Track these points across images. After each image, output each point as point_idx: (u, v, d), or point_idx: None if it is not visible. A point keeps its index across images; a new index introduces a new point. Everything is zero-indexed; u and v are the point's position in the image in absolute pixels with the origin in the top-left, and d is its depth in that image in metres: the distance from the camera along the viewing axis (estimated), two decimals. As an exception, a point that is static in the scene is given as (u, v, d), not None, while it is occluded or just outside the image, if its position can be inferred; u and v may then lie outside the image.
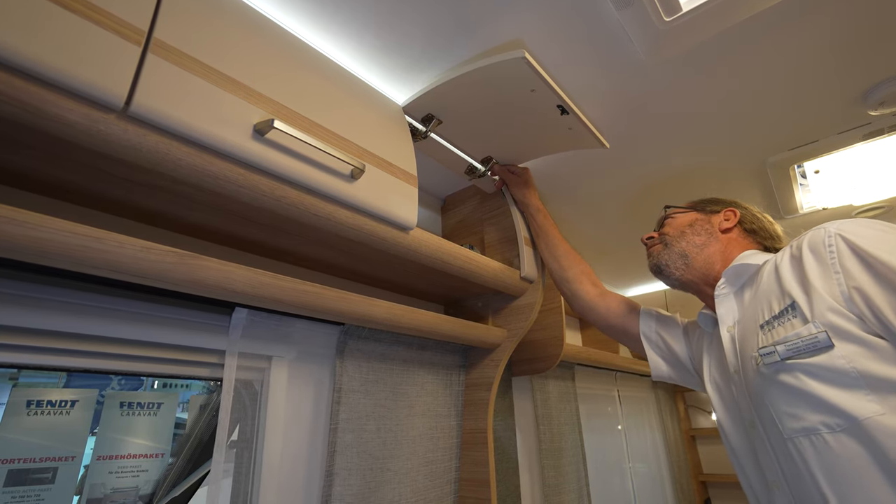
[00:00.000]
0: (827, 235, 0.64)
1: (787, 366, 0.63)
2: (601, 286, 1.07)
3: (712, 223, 0.86)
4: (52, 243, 0.46)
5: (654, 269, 0.89)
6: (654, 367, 0.96)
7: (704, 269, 0.83)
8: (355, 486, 0.82)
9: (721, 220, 0.86)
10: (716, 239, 0.85)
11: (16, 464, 0.69)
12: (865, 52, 0.86)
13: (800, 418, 0.61)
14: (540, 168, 1.21)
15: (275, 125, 0.57)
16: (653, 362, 0.96)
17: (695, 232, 0.86)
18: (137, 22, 0.49)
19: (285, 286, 0.66)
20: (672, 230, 0.89)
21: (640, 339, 0.97)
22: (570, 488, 1.40)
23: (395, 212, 0.76)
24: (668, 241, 0.88)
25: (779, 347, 0.64)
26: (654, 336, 0.97)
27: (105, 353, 0.66)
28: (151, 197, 0.62)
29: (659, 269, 0.87)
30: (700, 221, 0.87)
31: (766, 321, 0.69)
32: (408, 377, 1.00)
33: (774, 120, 1.05)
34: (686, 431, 2.55)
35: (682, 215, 0.91)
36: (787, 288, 0.67)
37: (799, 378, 0.61)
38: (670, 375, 0.95)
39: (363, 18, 0.75)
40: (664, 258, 0.86)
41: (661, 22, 0.76)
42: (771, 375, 0.65)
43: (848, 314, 0.59)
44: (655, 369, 0.96)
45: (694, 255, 0.84)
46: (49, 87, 0.43)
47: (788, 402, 0.63)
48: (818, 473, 0.59)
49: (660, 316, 0.99)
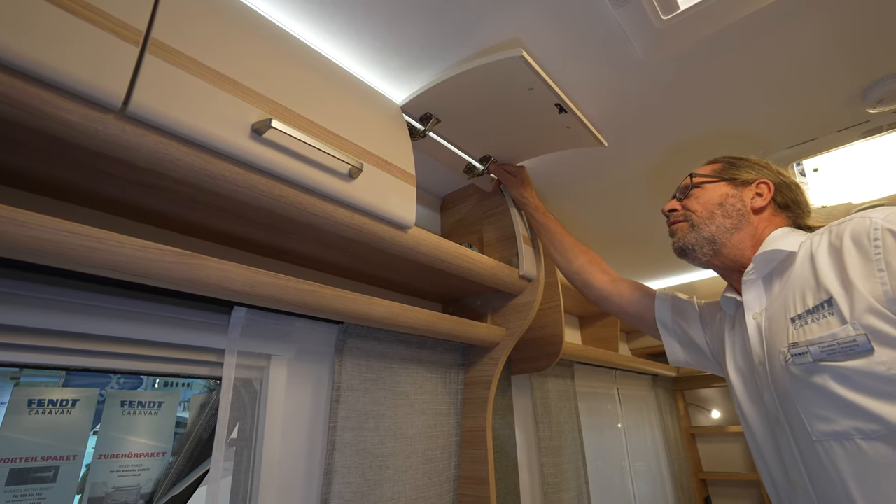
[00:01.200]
0: (873, 227, 0.59)
1: (819, 367, 0.59)
2: (612, 273, 1.03)
3: (744, 200, 0.78)
4: (51, 243, 0.46)
5: (678, 252, 0.82)
6: (671, 352, 0.93)
7: (734, 255, 0.77)
8: (354, 484, 0.82)
9: (753, 196, 0.78)
10: (747, 221, 0.77)
11: (17, 463, 0.69)
12: (864, 49, 0.86)
13: (831, 421, 0.58)
14: (538, 167, 1.21)
15: (273, 125, 0.57)
16: (669, 347, 0.93)
17: (725, 213, 0.78)
18: (135, 22, 0.49)
19: (284, 285, 0.66)
20: (700, 208, 0.80)
21: (655, 324, 0.94)
22: (570, 486, 1.40)
23: (394, 211, 0.76)
24: (696, 222, 0.80)
25: (812, 348, 0.60)
26: (669, 321, 0.93)
27: (105, 353, 0.67)
28: (150, 196, 0.62)
29: (684, 252, 0.81)
30: (731, 199, 0.79)
31: (798, 315, 0.65)
32: (407, 375, 1.00)
33: (773, 118, 1.05)
34: (686, 429, 2.55)
35: (712, 187, 0.81)
36: (824, 282, 0.62)
37: (832, 382, 0.58)
38: (687, 360, 0.92)
39: (362, 18, 0.76)
40: (690, 241, 0.79)
41: (658, 20, 0.76)
42: (801, 376, 0.61)
43: (891, 317, 0.55)
44: (672, 354, 0.93)
45: (723, 240, 0.77)
46: (47, 88, 0.44)
47: (819, 405, 0.59)
48: (848, 479, 0.56)
49: (675, 300, 0.95)
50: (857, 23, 0.80)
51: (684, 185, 0.85)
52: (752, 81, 0.94)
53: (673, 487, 2.19)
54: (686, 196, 0.84)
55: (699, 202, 0.81)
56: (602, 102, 0.98)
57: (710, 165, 0.85)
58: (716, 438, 2.55)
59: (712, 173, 0.83)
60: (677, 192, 0.87)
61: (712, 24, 0.78)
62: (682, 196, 0.85)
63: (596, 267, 1.03)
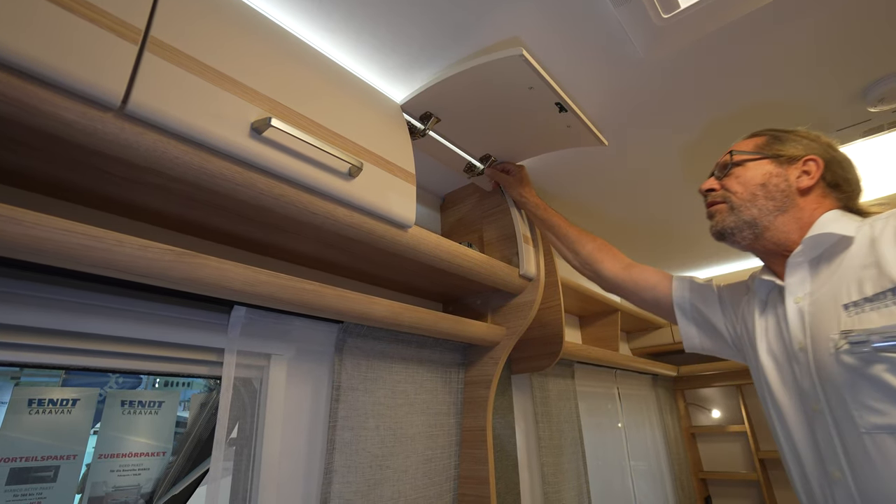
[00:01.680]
0: None
1: (879, 357, 0.57)
2: (625, 258, 0.99)
3: (789, 180, 0.72)
4: (50, 242, 0.46)
5: (716, 235, 0.78)
6: (686, 337, 0.89)
7: (777, 238, 0.73)
8: (354, 483, 0.82)
9: (799, 175, 0.72)
10: (792, 203, 0.72)
11: (18, 462, 0.69)
12: (865, 48, 0.86)
13: (884, 414, 0.56)
14: (537, 166, 1.21)
15: (272, 123, 0.57)
16: (685, 332, 0.89)
17: (768, 195, 0.73)
18: (134, 20, 0.49)
19: (283, 284, 0.66)
20: (741, 189, 0.75)
21: (672, 309, 0.89)
22: (570, 486, 1.40)
23: (394, 210, 0.76)
24: (736, 204, 0.75)
25: (873, 337, 0.57)
26: (687, 305, 0.88)
27: (105, 352, 0.66)
28: (149, 195, 0.62)
29: (722, 236, 0.77)
30: (775, 179, 0.73)
31: (854, 302, 0.62)
32: (407, 375, 1.00)
33: (773, 117, 1.05)
34: (686, 429, 2.55)
35: (753, 165, 0.75)
36: (889, 270, 0.59)
37: (889, 373, 0.56)
38: (703, 346, 0.88)
39: (361, 16, 0.75)
40: (729, 224, 0.75)
41: (658, 19, 0.76)
42: (856, 365, 0.59)
43: None
44: (687, 339, 0.89)
45: (766, 224, 0.72)
46: (46, 86, 0.44)
47: (873, 396, 0.57)
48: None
49: (693, 283, 0.90)
50: (857, 22, 0.80)
51: (723, 163, 0.79)
52: (752, 80, 0.93)
53: (673, 487, 2.19)
54: (725, 174, 0.78)
55: (739, 182, 0.76)
56: (602, 101, 0.97)
57: (753, 140, 0.79)
58: (716, 438, 2.55)
59: (755, 149, 0.77)
60: (716, 169, 0.81)
61: (712, 23, 0.78)
62: (720, 174, 0.79)
63: (605, 254, 0.99)
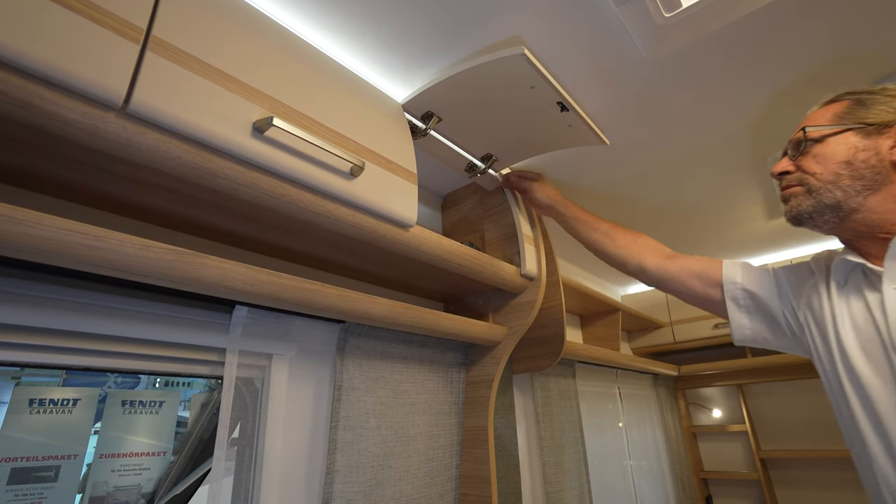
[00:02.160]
0: None
1: None
2: (666, 249, 0.91)
3: (880, 153, 0.63)
4: (51, 241, 0.46)
5: (792, 221, 0.70)
6: (738, 328, 0.79)
7: (870, 221, 0.64)
8: (356, 483, 0.82)
9: (893, 145, 0.63)
10: (886, 179, 0.62)
11: (19, 462, 0.69)
12: (867, 46, 0.86)
13: None
14: (539, 165, 1.20)
15: (274, 123, 0.57)
16: (736, 323, 0.79)
17: (855, 173, 0.63)
18: (136, 20, 0.49)
19: (285, 284, 0.66)
20: (819, 169, 0.66)
21: (723, 300, 0.80)
22: (571, 485, 1.40)
23: (395, 209, 0.76)
24: (815, 186, 0.66)
25: None
26: (739, 293, 0.79)
27: (106, 352, 0.66)
28: (151, 195, 0.62)
29: (799, 220, 0.69)
30: (862, 153, 0.63)
31: None
32: (408, 375, 1.00)
33: (776, 116, 1.05)
34: (687, 428, 2.55)
35: (834, 140, 0.66)
36: None
37: None
38: (756, 337, 0.79)
39: (362, 16, 0.75)
40: (806, 209, 0.67)
41: (661, 18, 0.75)
42: None
43: None
44: (738, 331, 0.80)
45: (854, 206, 0.64)
46: (47, 86, 0.43)
47: None
48: None
49: (746, 268, 0.81)
50: (860, 20, 0.80)
51: (796, 140, 0.70)
52: (755, 79, 0.93)
53: (674, 486, 2.19)
54: (801, 153, 0.69)
55: (818, 161, 0.66)
56: (604, 100, 0.97)
57: (831, 107, 0.69)
58: (717, 437, 2.54)
59: (833, 120, 0.67)
60: (788, 147, 0.72)
61: (715, 22, 0.77)
62: (794, 153, 0.70)
63: (646, 246, 0.91)
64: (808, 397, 2.30)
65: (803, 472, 2.24)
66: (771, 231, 1.70)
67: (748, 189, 1.38)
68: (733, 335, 0.81)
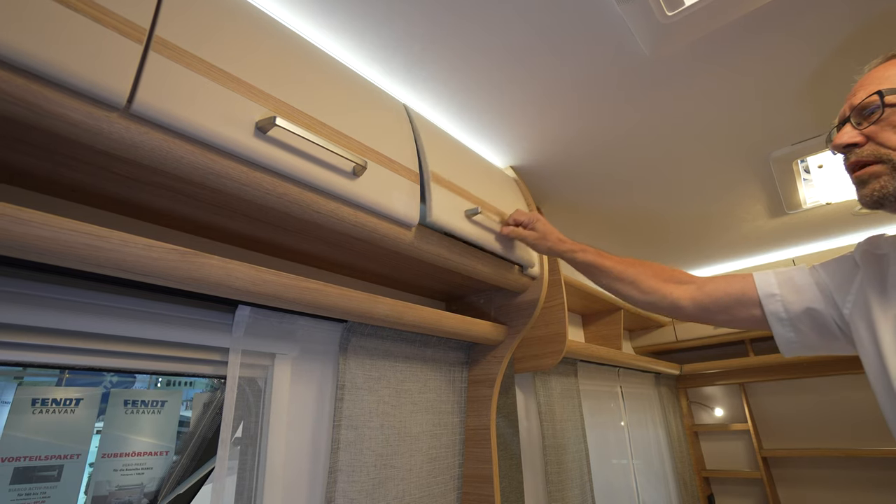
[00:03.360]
0: None
1: None
2: (689, 277, 0.84)
3: None
4: (57, 242, 0.46)
5: (872, 204, 0.61)
6: (785, 343, 0.74)
7: None
8: (359, 482, 0.82)
9: None
10: None
11: (22, 462, 0.69)
12: (869, 45, 0.86)
13: None
14: (537, 168, 1.20)
15: (277, 123, 0.57)
16: (781, 338, 0.74)
17: None
18: (139, 20, 0.49)
19: (288, 283, 0.66)
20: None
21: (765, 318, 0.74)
22: (573, 484, 1.40)
23: (398, 208, 0.76)
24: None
25: None
26: (779, 306, 0.73)
27: (109, 351, 0.67)
28: (154, 195, 0.62)
29: (881, 203, 0.60)
30: None
31: None
32: (411, 374, 1.00)
33: (778, 114, 1.05)
34: (689, 427, 2.55)
35: None
36: None
37: None
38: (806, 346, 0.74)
39: (364, 15, 0.75)
40: (891, 190, 0.57)
41: (663, 16, 0.75)
42: None
43: None
44: (786, 345, 0.74)
45: None
46: (51, 86, 0.43)
47: None
48: None
49: (780, 276, 0.75)
50: (862, 18, 0.80)
51: (865, 106, 0.59)
52: (757, 77, 0.93)
53: (676, 485, 2.19)
54: (873, 122, 0.58)
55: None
56: (607, 98, 0.97)
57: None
58: (719, 436, 2.54)
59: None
60: (852, 114, 0.60)
61: (717, 20, 0.77)
62: (860, 120, 0.60)
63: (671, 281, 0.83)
64: (811, 396, 2.30)
65: (805, 471, 2.24)
66: (773, 230, 1.69)
67: (750, 187, 1.37)
68: (782, 350, 0.76)
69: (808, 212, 1.49)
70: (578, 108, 1.00)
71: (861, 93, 0.60)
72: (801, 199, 1.39)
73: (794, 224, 1.63)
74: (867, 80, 0.61)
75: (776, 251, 1.94)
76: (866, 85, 0.60)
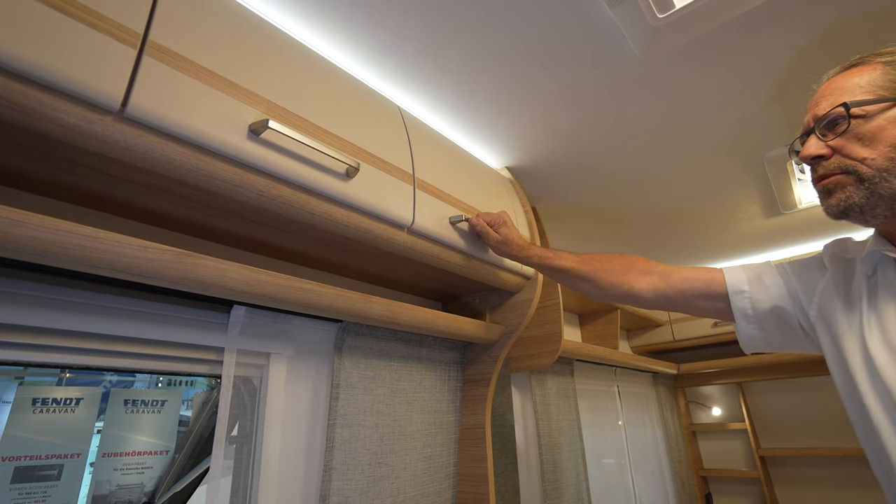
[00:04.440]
0: None
1: None
2: (657, 267, 0.82)
3: None
4: (51, 243, 0.47)
5: (837, 215, 0.60)
6: (747, 338, 0.74)
7: None
8: (354, 481, 0.83)
9: None
10: None
11: (22, 461, 0.70)
12: (863, 46, 0.86)
13: None
14: (532, 167, 1.21)
15: (270, 125, 0.58)
16: (743, 333, 0.74)
17: None
18: (133, 25, 0.50)
19: (282, 284, 0.67)
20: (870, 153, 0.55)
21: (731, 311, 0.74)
22: (569, 483, 1.41)
23: (391, 210, 0.76)
24: (867, 175, 0.55)
25: None
26: (746, 302, 0.73)
27: (106, 351, 0.67)
28: (149, 196, 0.63)
29: (846, 214, 0.58)
30: None
31: None
32: (406, 373, 1.01)
33: (772, 115, 1.05)
34: (686, 427, 2.55)
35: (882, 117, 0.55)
36: None
37: None
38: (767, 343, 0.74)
39: (358, 18, 0.76)
40: (858, 202, 0.56)
41: (654, 19, 0.76)
42: None
43: None
44: (748, 340, 0.74)
45: None
46: (47, 91, 0.44)
47: None
48: None
49: (749, 272, 0.74)
50: (856, 18, 0.80)
51: (831, 117, 0.58)
52: (751, 78, 0.94)
53: (674, 485, 2.20)
54: (838, 133, 0.58)
55: (865, 144, 0.56)
56: (599, 101, 0.98)
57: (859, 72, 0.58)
58: (717, 435, 2.55)
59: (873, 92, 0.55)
60: (816, 125, 0.60)
61: (709, 22, 0.78)
62: (825, 132, 0.59)
63: (634, 271, 0.81)
64: (808, 395, 2.30)
65: (803, 470, 2.25)
66: (768, 230, 1.70)
67: (744, 188, 1.38)
68: (743, 346, 0.76)
69: (804, 212, 1.49)
70: (571, 109, 1.01)
71: (824, 103, 0.59)
72: (797, 199, 1.40)
73: (789, 224, 1.63)
74: (828, 89, 0.60)
75: (772, 251, 1.94)
76: (828, 95, 0.60)
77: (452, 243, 0.89)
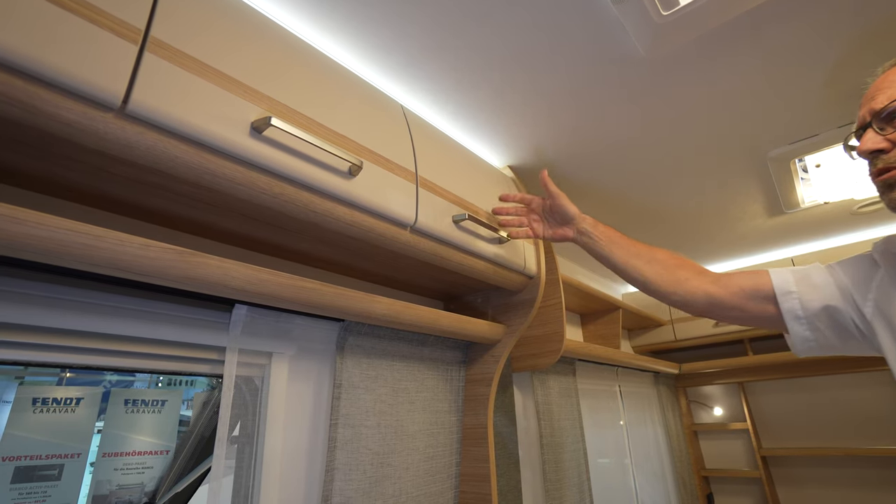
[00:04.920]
0: None
1: None
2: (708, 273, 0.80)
3: None
4: (52, 241, 0.47)
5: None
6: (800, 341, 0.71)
7: None
8: (356, 481, 0.82)
9: None
10: None
11: (23, 461, 0.69)
12: (865, 44, 0.86)
13: None
14: (532, 164, 1.21)
15: (272, 123, 0.57)
16: (796, 336, 0.71)
17: None
18: (134, 21, 0.50)
19: (285, 283, 0.66)
20: None
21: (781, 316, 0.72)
22: (571, 483, 1.40)
23: (394, 208, 0.76)
24: None
25: None
26: (795, 304, 0.70)
27: (107, 350, 0.67)
28: (150, 195, 0.62)
29: None
30: None
31: None
32: (408, 373, 1.00)
33: (775, 114, 1.05)
34: (688, 426, 2.55)
35: None
36: None
37: None
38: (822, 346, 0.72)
39: (361, 16, 0.76)
40: None
41: (658, 16, 0.75)
42: None
43: None
44: (801, 343, 0.71)
45: None
46: (47, 87, 0.44)
47: None
48: None
49: (797, 274, 0.72)
50: (858, 17, 0.80)
51: (889, 111, 0.57)
52: (754, 76, 0.93)
53: (675, 484, 2.19)
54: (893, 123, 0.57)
55: None
56: (603, 99, 0.97)
57: None
58: (718, 435, 2.54)
59: None
60: (874, 119, 0.59)
61: (713, 20, 0.77)
62: (883, 126, 0.58)
63: (689, 271, 0.79)
64: (810, 395, 2.30)
65: (804, 470, 2.24)
66: (772, 229, 1.69)
67: (748, 187, 1.38)
68: (796, 350, 0.73)
69: (807, 211, 1.49)
70: (575, 107, 1.00)
71: (881, 97, 0.58)
72: (800, 198, 1.40)
73: (792, 223, 1.63)
74: (884, 82, 0.59)
75: (775, 250, 1.94)
76: (884, 88, 0.58)
77: (455, 242, 0.88)
